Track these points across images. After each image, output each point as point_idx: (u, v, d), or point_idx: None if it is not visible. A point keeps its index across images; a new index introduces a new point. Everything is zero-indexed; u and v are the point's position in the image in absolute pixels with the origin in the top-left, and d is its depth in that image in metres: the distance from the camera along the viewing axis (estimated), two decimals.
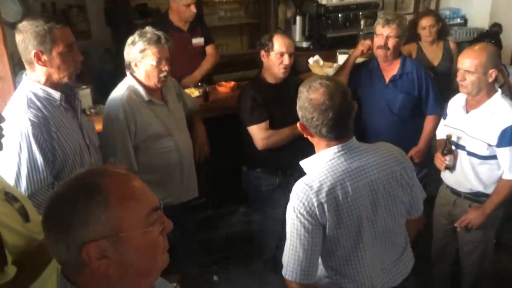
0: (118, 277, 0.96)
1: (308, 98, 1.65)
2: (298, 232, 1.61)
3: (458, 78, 2.39)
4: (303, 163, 1.75)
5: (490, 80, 2.33)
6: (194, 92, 3.42)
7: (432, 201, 3.39)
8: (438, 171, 2.67)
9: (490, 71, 2.31)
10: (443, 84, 3.66)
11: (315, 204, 1.58)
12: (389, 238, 1.74)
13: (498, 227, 2.77)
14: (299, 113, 1.70)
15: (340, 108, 1.62)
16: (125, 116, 2.35)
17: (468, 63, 2.33)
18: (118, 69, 2.51)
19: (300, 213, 1.60)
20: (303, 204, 1.59)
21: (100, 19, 4.60)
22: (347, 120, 1.66)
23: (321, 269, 1.73)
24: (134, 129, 2.39)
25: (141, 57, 2.37)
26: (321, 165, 1.66)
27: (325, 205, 1.58)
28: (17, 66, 2.92)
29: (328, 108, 1.60)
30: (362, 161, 1.67)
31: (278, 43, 2.65)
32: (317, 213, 1.59)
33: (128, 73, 2.46)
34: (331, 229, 1.62)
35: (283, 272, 1.67)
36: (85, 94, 3.05)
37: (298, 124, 1.73)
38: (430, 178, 3.18)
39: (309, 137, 1.74)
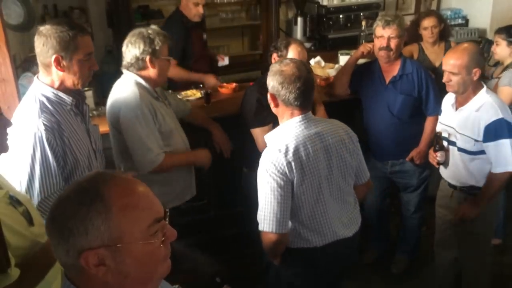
0: (116, 284, 0.96)
1: (280, 70, 1.95)
2: (271, 189, 1.89)
3: (444, 79, 2.48)
4: (268, 136, 2.06)
5: (475, 78, 2.41)
6: (196, 94, 3.43)
7: (433, 201, 3.40)
8: (437, 168, 2.71)
9: (474, 70, 2.38)
10: (444, 84, 3.66)
11: (284, 164, 1.89)
12: (342, 196, 2.06)
13: (500, 227, 2.78)
14: (270, 84, 1.98)
15: (306, 79, 1.93)
16: (149, 111, 2.35)
17: (451, 65, 2.42)
18: (120, 71, 2.51)
19: (272, 172, 1.89)
20: (274, 165, 1.89)
21: (102, 20, 4.60)
22: (311, 91, 1.98)
23: (290, 225, 2.00)
24: (157, 125, 2.39)
25: (159, 53, 2.36)
26: (285, 133, 1.97)
27: (292, 164, 1.89)
28: (19, 68, 2.94)
29: (296, 79, 1.91)
30: (319, 129, 1.99)
31: (293, 54, 2.62)
32: (287, 171, 1.89)
33: (129, 70, 2.41)
34: (297, 185, 1.91)
35: (260, 227, 1.94)
36: (87, 96, 3.06)
37: (268, 95, 1.99)
38: (432, 179, 3.18)
39: (274, 109, 2.02)
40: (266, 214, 1.92)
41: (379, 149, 3.03)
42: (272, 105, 2.01)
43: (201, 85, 3.64)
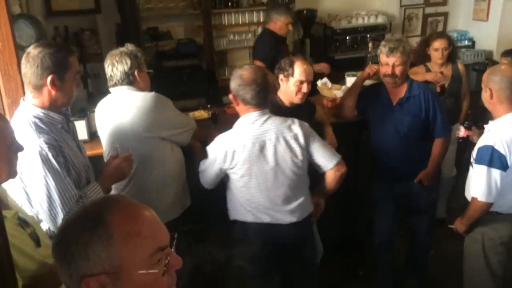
0: None
1: (239, 74, 2.33)
2: (210, 159, 2.38)
3: None
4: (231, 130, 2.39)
5: (488, 98, 2.38)
6: (203, 115, 3.45)
7: (441, 224, 3.36)
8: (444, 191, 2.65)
9: (487, 88, 2.36)
10: (452, 106, 3.65)
11: (223, 150, 2.31)
12: (290, 185, 2.36)
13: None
14: (231, 86, 2.34)
15: (261, 82, 2.30)
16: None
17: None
18: None
19: (213, 150, 2.37)
20: (216, 147, 2.36)
21: (112, 42, 4.67)
22: (266, 92, 2.33)
23: (245, 207, 2.38)
24: None
25: (143, 67, 2.48)
26: (236, 127, 2.36)
27: (228, 152, 2.30)
28: None
29: (252, 82, 2.29)
30: (265, 127, 2.32)
31: (299, 71, 2.65)
32: (222, 155, 2.32)
33: (123, 85, 2.44)
34: (235, 171, 2.32)
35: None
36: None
37: (230, 96, 2.36)
38: (440, 202, 3.15)
39: (236, 108, 2.40)
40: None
41: (387, 170, 3.01)
42: (234, 104, 2.39)
43: (208, 106, 3.67)
